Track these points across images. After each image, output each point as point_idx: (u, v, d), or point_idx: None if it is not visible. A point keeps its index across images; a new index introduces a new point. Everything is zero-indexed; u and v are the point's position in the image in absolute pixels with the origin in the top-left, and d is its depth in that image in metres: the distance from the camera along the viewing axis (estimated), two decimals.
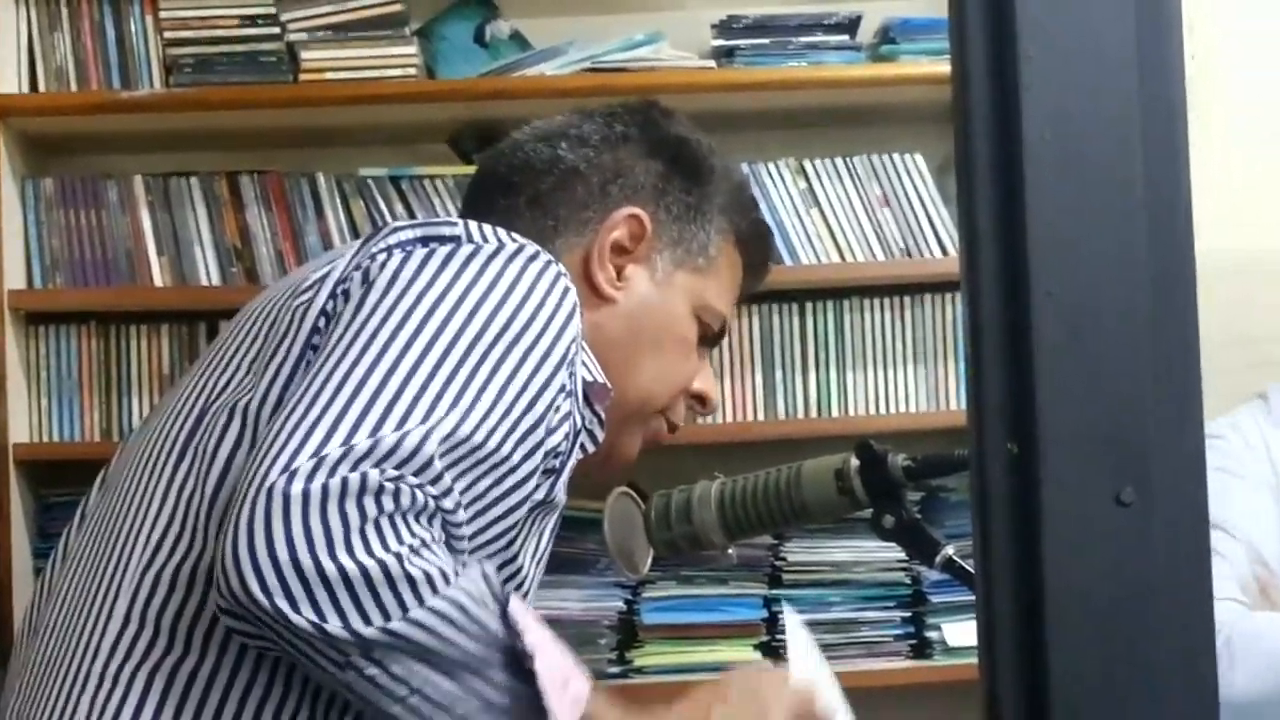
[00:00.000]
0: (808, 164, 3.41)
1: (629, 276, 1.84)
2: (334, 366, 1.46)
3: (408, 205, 3.33)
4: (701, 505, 1.89)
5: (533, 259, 1.58)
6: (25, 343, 3.30)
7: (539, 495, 1.56)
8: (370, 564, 1.36)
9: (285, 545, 1.35)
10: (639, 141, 1.90)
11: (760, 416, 3.36)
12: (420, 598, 1.38)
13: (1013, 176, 0.86)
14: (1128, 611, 0.85)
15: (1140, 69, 0.87)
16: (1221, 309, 2.04)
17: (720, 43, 3.38)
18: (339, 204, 3.36)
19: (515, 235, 1.62)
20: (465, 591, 1.42)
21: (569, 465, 1.63)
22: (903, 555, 3.15)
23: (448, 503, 1.43)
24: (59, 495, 3.28)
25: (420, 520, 1.40)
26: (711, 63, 3.37)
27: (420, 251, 1.56)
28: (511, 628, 1.44)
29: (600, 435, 1.70)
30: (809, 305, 3.39)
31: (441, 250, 1.56)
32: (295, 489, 1.36)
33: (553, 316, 1.56)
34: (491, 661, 1.44)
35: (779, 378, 3.37)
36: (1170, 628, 0.85)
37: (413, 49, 3.36)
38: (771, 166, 3.39)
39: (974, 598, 0.91)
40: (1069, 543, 0.84)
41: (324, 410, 1.42)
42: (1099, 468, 0.84)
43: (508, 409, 1.49)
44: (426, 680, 1.41)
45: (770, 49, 3.37)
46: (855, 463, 1.84)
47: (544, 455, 1.55)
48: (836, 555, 3.28)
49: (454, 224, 1.61)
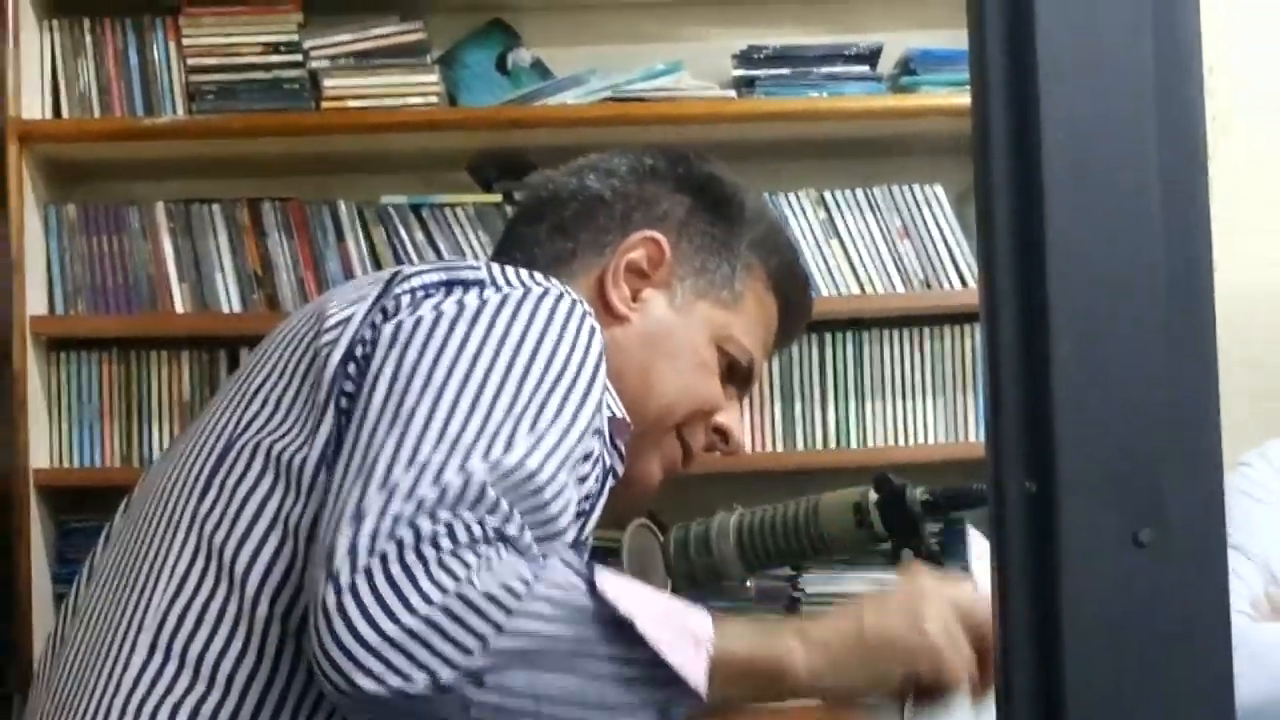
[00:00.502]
0: (828, 194, 3.41)
1: (645, 299, 1.83)
2: (377, 436, 1.43)
3: (428, 233, 3.34)
4: (720, 538, 1.89)
5: (559, 300, 1.57)
6: (46, 368, 3.31)
7: (570, 536, 1.55)
8: (449, 600, 1.34)
9: (369, 626, 1.33)
10: (667, 176, 1.89)
11: (779, 447, 3.36)
12: (507, 609, 1.36)
13: (1032, 213, 0.86)
14: (1146, 653, 0.84)
15: (1159, 110, 0.87)
16: (1237, 339, 2.04)
17: (741, 73, 3.39)
18: (360, 231, 3.37)
19: (537, 276, 1.61)
20: (549, 583, 1.39)
21: (599, 507, 1.62)
22: None
23: (511, 528, 1.41)
24: (79, 521, 3.29)
25: (480, 546, 1.38)
26: (732, 93, 3.38)
27: (447, 303, 1.54)
28: (604, 600, 1.40)
29: (620, 469, 1.69)
30: (828, 336, 3.39)
31: (467, 298, 1.54)
32: (360, 563, 1.35)
33: (584, 361, 1.54)
34: (602, 639, 1.40)
35: (798, 409, 3.37)
36: (1189, 669, 0.85)
37: (434, 77, 3.38)
38: (791, 197, 3.40)
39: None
40: (1087, 583, 0.84)
41: (384, 478, 1.40)
42: (1117, 508, 0.84)
43: (548, 455, 1.48)
44: (549, 685, 1.38)
45: (791, 79, 3.38)
46: (874, 496, 1.84)
47: (579, 499, 1.54)
48: (855, 586, 3.27)
49: (476, 267, 1.59)
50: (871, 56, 3.42)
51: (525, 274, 1.60)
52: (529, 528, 1.44)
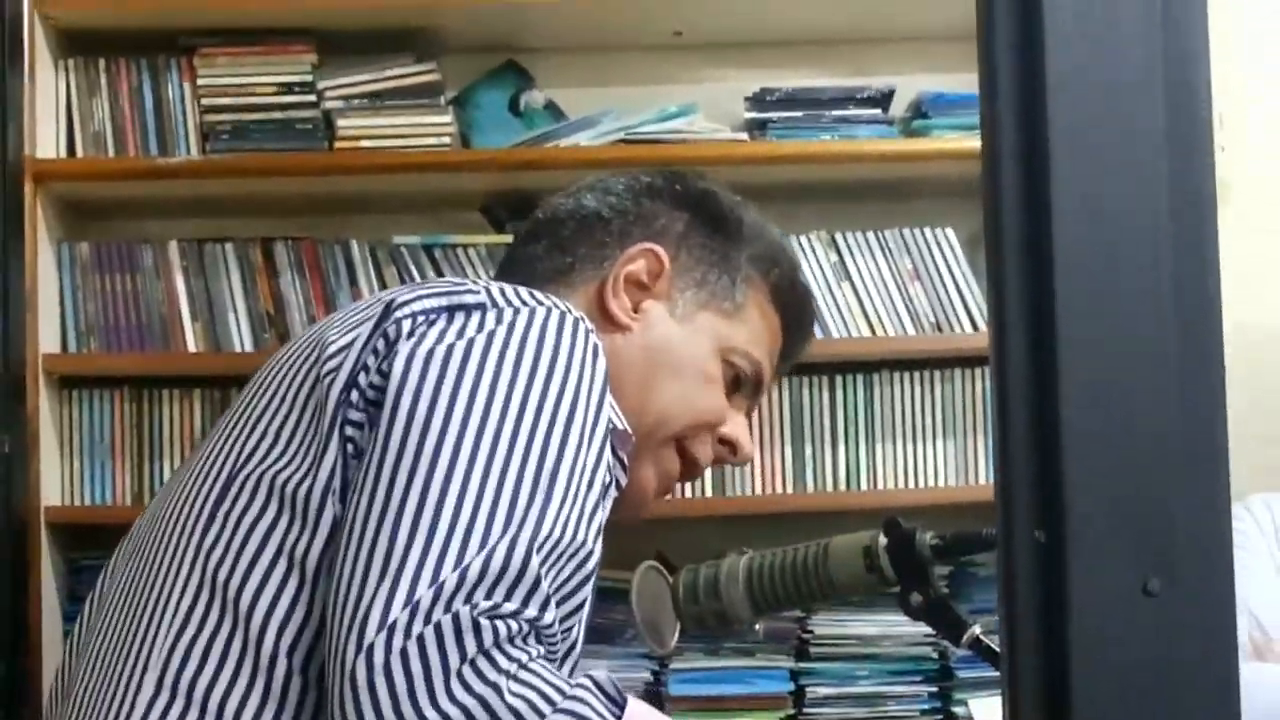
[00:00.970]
0: (839, 237, 3.42)
1: (646, 309, 1.83)
2: (401, 497, 1.43)
3: (440, 273, 3.35)
4: (729, 581, 1.89)
5: (562, 319, 1.56)
6: (58, 406, 3.32)
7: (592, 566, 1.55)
8: (470, 703, 1.34)
9: (390, 707, 1.34)
10: (665, 193, 1.90)
11: (789, 489, 3.36)
12: None
13: (1042, 265, 0.86)
14: (1153, 702, 0.84)
15: (1170, 160, 0.87)
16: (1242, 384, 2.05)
17: (753, 115, 3.40)
18: (372, 271, 3.38)
19: (536, 294, 1.60)
20: (579, 700, 1.39)
21: (604, 521, 1.61)
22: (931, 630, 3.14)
23: (547, 617, 1.41)
24: (90, 558, 3.29)
25: (515, 643, 1.38)
26: (744, 135, 3.39)
27: (450, 335, 1.53)
28: None
29: (624, 481, 1.68)
30: (839, 379, 3.39)
31: (469, 327, 1.54)
32: (396, 644, 1.35)
33: (589, 382, 1.54)
34: None
35: (809, 451, 3.37)
36: (1197, 718, 0.85)
37: (448, 118, 3.39)
38: (803, 239, 3.40)
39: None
40: (1095, 633, 0.84)
41: (405, 551, 1.39)
42: (1126, 558, 0.84)
43: (575, 495, 1.47)
44: None
45: (803, 122, 3.39)
46: (883, 541, 1.84)
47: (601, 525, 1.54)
48: (864, 629, 3.27)
49: (476, 290, 1.59)
50: (884, 100, 3.43)
51: (525, 292, 1.60)
52: (562, 583, 1.45)
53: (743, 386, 1.89)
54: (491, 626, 1.36)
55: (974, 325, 3.35)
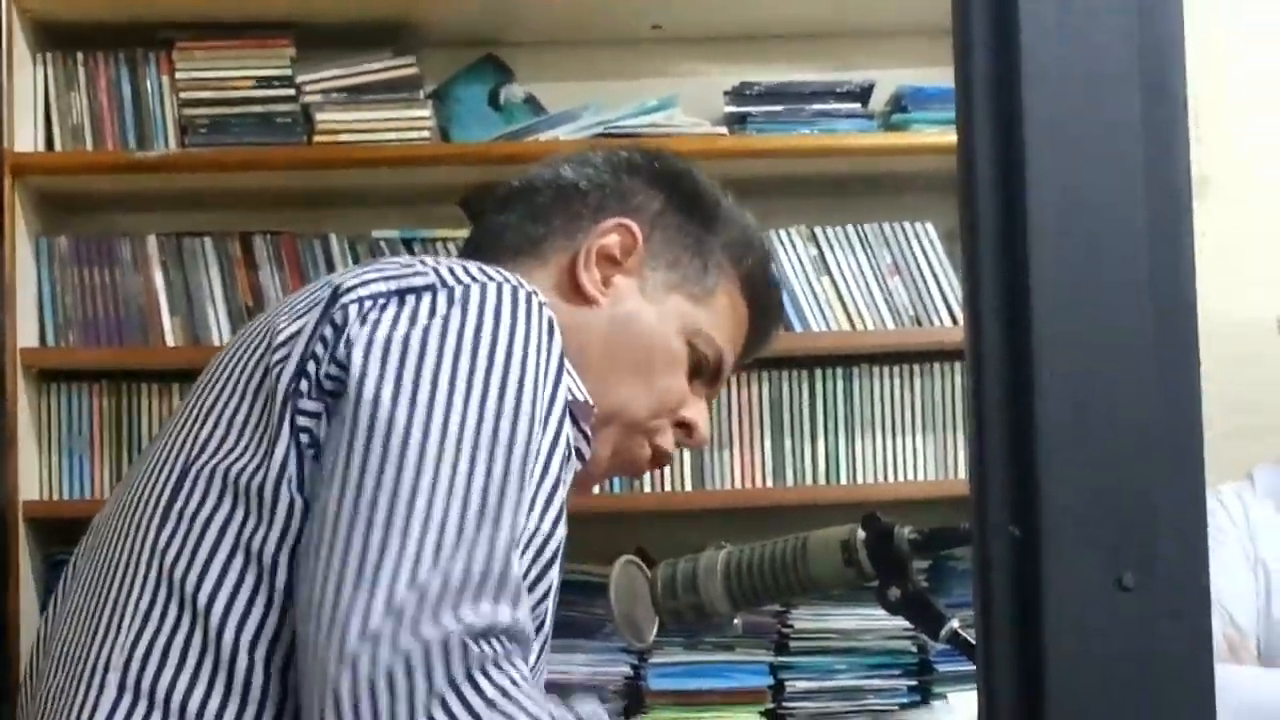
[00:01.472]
0: (819, 231, 3.42)
1: (616, 285, 1.81)
2: (371, 497, 1.41)
3: None
4: (707, 575, 1.89)
5: (515, 291, 1.52)
6: (37, 400, 3.31)
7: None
8: None
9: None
10: (644, 171, 1.89)
11: (769, 483, 3.36)
12: None
13: (1017, 257, 0.86)
14: (1129, 695, 0.84)
15: (1146, 153, 0.87)
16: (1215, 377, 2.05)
17: (733, 109, 3.40)
18: (351, 265, 3.36)
19: (487, 269, 1.57)
20: None
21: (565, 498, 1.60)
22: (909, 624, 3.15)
23: (525, 621, 1.40)
24: (69, 553, 3.24)
25: (502, 665, 1.37)
26: (724, 129, 3.39)
27: (403, 321, 1.51)
28: None
29: (588, 453, 1.67)
30: (818, 373, 3.39)
31: (420, 310, 1.51)
32: (382, 659, 1.33)
33: (545, 359, 1.51)
34: None
35: (788, 445, 3.37)
36: (1172, 713, 0.85)
37: (427, 112, 3.39)
38: (783, 233, 3.40)
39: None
40: (1071, 627, 0.84)
41: (381, 552, 1.38)
42: (1101, 552, 0.84)
43: (539, 481, 1.48)
44: None
45: (783, 116, 3.39)
46: (862, 535, 1.84)
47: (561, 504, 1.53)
48: (843, 623, 3.27)
49: (424, 271, 1.55)
50: (863, 94, 3.44)
51: (475, 267, 1.57)
52: (539, 566, 1.46)
53: (703, 373, 1.87)
54: (479, 651, 1.35)
55: (953, 319, 3.35)
